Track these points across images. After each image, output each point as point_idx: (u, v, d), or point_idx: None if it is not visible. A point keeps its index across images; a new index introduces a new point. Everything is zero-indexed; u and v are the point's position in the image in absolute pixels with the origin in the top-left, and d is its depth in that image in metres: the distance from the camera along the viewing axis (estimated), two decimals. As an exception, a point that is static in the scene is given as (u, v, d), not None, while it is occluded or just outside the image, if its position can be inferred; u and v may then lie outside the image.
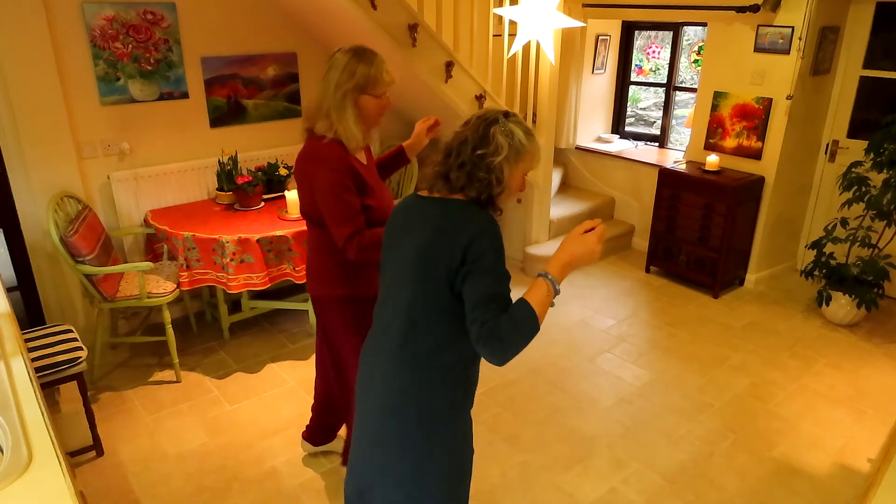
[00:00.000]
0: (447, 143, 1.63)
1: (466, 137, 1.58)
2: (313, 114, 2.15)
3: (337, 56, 2.09)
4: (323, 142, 2.10)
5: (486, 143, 1.55)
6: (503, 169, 1.56)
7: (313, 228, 2.27)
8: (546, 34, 3.72)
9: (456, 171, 1.57)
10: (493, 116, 1.58)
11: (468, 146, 1.56)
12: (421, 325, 1.59)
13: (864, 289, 3.84)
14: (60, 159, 3.35)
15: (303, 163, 2.17)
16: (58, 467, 1.40)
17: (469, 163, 1.55)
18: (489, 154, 1.54)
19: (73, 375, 2.68)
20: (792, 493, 2.66)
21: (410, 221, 1.65)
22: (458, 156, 1.57)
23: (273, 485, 2.69)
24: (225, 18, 3.77)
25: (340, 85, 2.06)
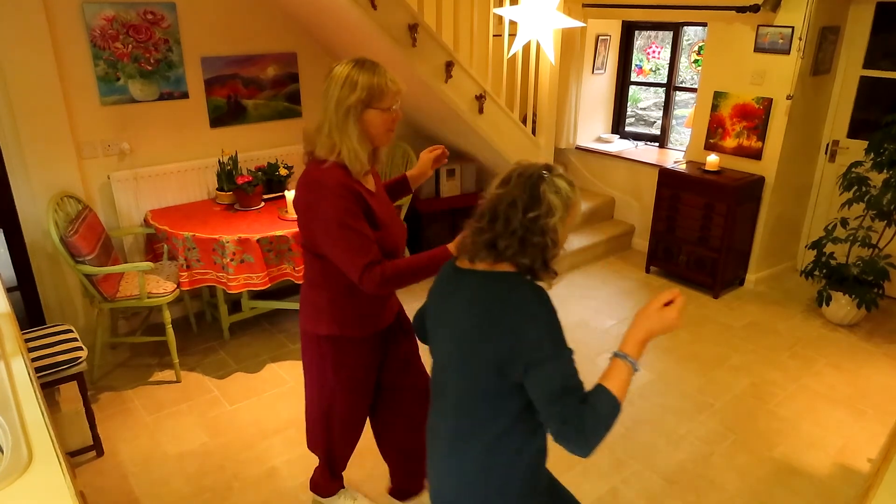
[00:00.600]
0: (487, 207, 1.44)
1: (514, 199, 1.39)
2: (313, 136, 1.93)
3: (335, 70, 1.88)
4: (324, 166, 1.86)
5: (537, 204, 1.38)
6: (557, 229, 1.41)
7: (310, 260, 2.03)
8: (546, 34, 3.72)
9: (507, 238, 1.40)
10: (537, 173, 1.41)
11: (517, 209, 1.39)
12: (472, 414, 1.46)
13: (864, 289, 3.84)
14: (60, 159, 3.35)
15: (303, 190, 1.91)
16: (58, 467, 1.40)
17: (521, 228, 1.38)
18: (542, 216, 1.39)
19: (73, 375, 2.68)
20: (792, 493, 2.66)
21: (451, 300, 1.50)
22: (508, 221, 1.39)
23: (273, 485, 2.69)
24: (225, 18, 3.77)
25: (342, 101, 1.85)
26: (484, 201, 1.46)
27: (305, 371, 2.24)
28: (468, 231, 1.48)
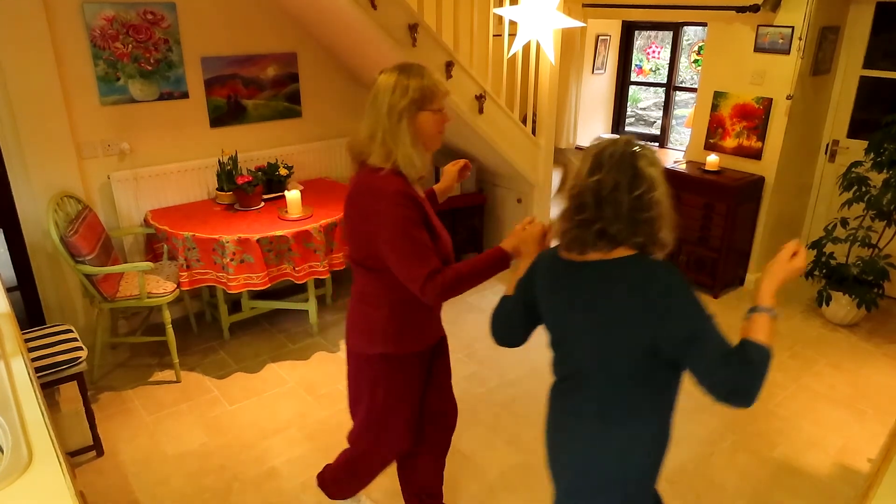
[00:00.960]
0: (589, 197, 1.42)
1: (616, 182, 1.39)
2: (364, 145, 1.87)
3: (381, 78, 1.85)
4: (381, 174, 1.82)
5: (640, 181, 1.39)
6: (662, 200, 1.42)
7: (363, 274, 1.95)
8: (546, 34, 3.72)
9: (618, 223, 1.40)
10: (629, 150, 1.42)
11: (622, 191, 1.39)
12: (617, 398, 1.50)
13: (864, 289, 3.84)
14: (60, 159, 3.35)
15: (363, 199, 1.85)
16: (58, 467, 1.40)
17: (629, 209, 1.39)
18: (647, 191, 1.39)
19: (73, 375, 2.68)
20: (792, 493, 2.66)
21: (575, 294, 1.50)
22: (617, 205, 1.39)
23: (273, 485, 2.69)
24: (225, 18, 3.77)
25: (394, 106, 1.81)
26: (577, 191, 1.44)
27: (353, 391, 2.14)
28: (569, 225, 1.46)
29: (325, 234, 3.49)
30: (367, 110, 1.88)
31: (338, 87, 4.37)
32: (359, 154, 1.90)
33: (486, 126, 4.09)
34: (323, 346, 3.77)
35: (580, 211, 1.43)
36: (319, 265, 3.50)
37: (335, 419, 3.12)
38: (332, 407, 3.21)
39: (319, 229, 3.46)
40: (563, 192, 1.52)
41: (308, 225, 3.45)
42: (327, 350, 3.74)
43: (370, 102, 1.88)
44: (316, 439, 2.97)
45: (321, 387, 3.38)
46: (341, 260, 3.66)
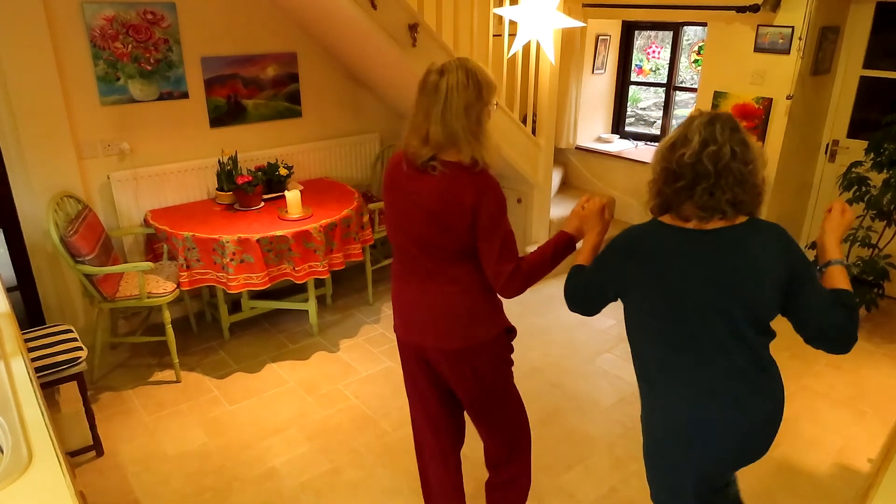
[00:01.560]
0: (710, 164, 1.48)
1: (734, 151, 1.47)
2: (441, 145, 1.85)
3: (448, 78, 1.85)
4: (474, 170, 1.86)
5: (750, 152, 1.50)
6: (762, 170, 1.53)
7: (458, 268, 1.94)
8: (546, 34, 3.72)
9: (742, 192, 1.51)
10: (735, 124, 1.50)
11: (738, 161, 1.48)
12: (752, 357, 1.61)
13: (864, 289, 3.83)
14: (60, 159, 3.35)
15: (450, 194, 1.85)
16: (58, 467, 1.40)
17: (747, 176, 1.50)
18: (755, 161, 1.51)
19: (73, 375, 2.68)
20: (792, 493, 2.66)
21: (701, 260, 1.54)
22: (737, 173, 1.48)
23: (273, 485, 2.69)
24: (225, 18, 3.77)
25: (471, 105, 1.84)
26: (693, 161, 1.49)
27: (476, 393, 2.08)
28: (686, 193, 1.51)
29: (325, 234, 3.49)
30: (435, 111, 1.85)
31: (338, 87, 4.37)
32: (425, 154, 1.87)
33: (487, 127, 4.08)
34: (323, 346, 3.77)
35: (698, 181, 1.48)
36: (319, 265, 3.50)
37: (335, 419, 3.12)
38: (332, 407, 3.21)
39: (319, 229, 3.46)
40: (667, 161, 1.55)
41: (308, 225, 3.45)
42: (327, 350, 3.74)
43: (432, 101, 1.86)
44: (316, 439, 2.97)
45: (321, 387, 3.38)
46: (341, 260, 3.66)
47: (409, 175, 1.93)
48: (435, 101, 1.85)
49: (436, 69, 1.91)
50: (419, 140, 1.86)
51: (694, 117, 1.54)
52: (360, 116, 4.57)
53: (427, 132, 1.85)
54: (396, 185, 1.97)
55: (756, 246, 1.51)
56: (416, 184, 1.91)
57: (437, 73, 1.89)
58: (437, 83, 1.86)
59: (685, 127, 1.55)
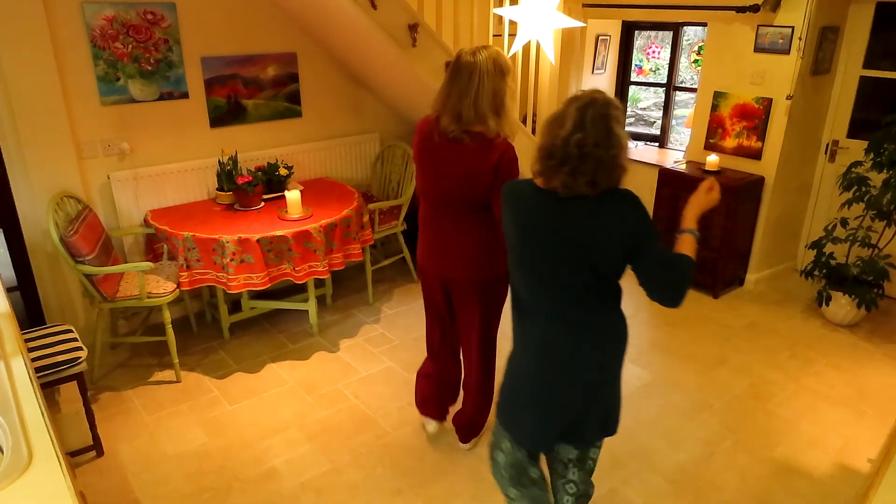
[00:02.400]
0: (574, 149, 1.68)
1: (597, 141, 1.67)
2: (472, 122, 2.27)
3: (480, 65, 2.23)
4: (497, 140, 2.29)
5: (613, 140, 1.69)
6: (624, 154, 1.75)
7: (476, 213, 2.40)
8: (546, 34, 3.72)
9: (600, 174, 1.70)
10: (605, 112, 1.68)
11: (601, 148, 1.68)
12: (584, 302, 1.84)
13: (864, 289, 3.83)
14: (60, 159, 3.35)
15: (479, 157, 2.29)
16: (58, 467, 1.40)
17: (606, 161, 1.70)
18: (617, 148, 1.70)
19: (73, 375, 2.68)
20: (792, 493, 2.66)
21: (561, 222, 1.77)
22: (596, 159, 1.68)
23: (273, 485, 2.70)
24: (225, 18, 3.77)
25: (499, 89, 2.26)
26: (562, 143, 1.69)
27: (477, 324, 2.58)
28: (555, 171, 1.72)
29: (325, 234, 3.49)
30: (468, 96, 2.24)
31: (338, 87, 4.37)
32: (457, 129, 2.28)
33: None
34: (323, 347, 3.77)
35: (564, 162, 1.70)
36: (319, 265, 3.50)
37: (335, 419, 3.12)
38: (331, 407, 3.21)
39: (319, 229, 3.46)
40: (545, 138, 1.79)
41: (308, 225, 3.45)
42: (327, 350, 3.74)
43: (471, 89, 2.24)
44: (316, 439, 2.97)
45: (321, 387, 3.38)
46: (341, 260, 3.66)
47: (440, 144, 2.36)
48: (469, 87, 2.24)
49: (468, 57, 2.27)
50: (451, 118, 2.29)
51: (573, 99, 1.73)
52: (360, 116, 4.57)
53: (460, 112, 2.26)
54: (429, 152, 2.41)
55: (606, 213, 1.72)
56: (447, 152, 2.34)
57: (469, 60, 2.26)
58: (471, 71, 2.24)
59: (565, 107, 1.74)
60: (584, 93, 1.73)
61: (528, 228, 1.82)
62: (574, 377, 1.88)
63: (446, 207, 2.44)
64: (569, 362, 1.86)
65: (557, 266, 1.79)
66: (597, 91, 1.73)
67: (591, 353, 1.86)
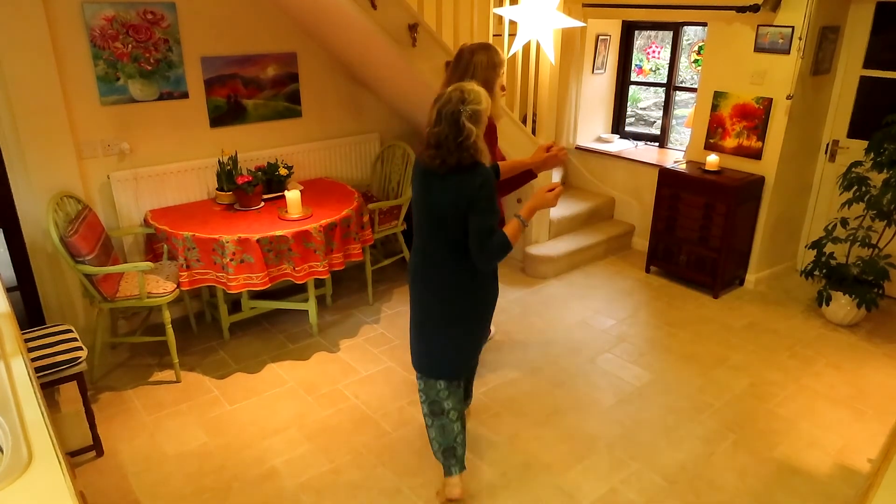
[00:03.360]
0: (434, 139, 2.21)
1: (447, 134, 2.17)
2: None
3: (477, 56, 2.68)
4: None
5: (461, 132, 2.16)
6: (475, 139, 2.22)
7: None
8: (546, 34, 3.72)
9: (450, 156, 2.20)
10: (457, 108, 2.15)
11: (451, 139, 2.18)
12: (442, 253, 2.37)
13: (864, 289, 3.83)
14: (60, 159, 3.35)
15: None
16: (58, 467, 1.40)
17: (456, 147, 2.20)
18: (466, 137, 2.17)
19: (73, 375, 2.68)
20: (792, 493, 2.66)
21: (433, 191, 2.28)
22: (447, 146, 2.20)
23: (273, 485, 2.69)
24: (225, 18, 3.77)
25: (490, 80, 2.66)
26: (427, 135, 2.22)
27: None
28: (428, 155, 2.23)
29: (324, 234, 3.49)
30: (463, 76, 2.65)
31: (338, 87, 4.37)
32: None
33: (486, 126, 4.08)
34: (323, 347, 3.77)
35: (429, 147, 2.22)
36: (319, 265, 3.50)
37: (335, 419, 3.12)
38: (332, 407, 3.21)
39: (319, 229, 3.46)
40: (425, 130, 2.26)
41: (308, 225, 3.45)
42: (327, 350, 3.74)
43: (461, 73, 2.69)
44: (315, 439, 2.97)
45: (321, 387, 3.38)
46: (341, 260, 3.66)
47: None
48: (465, 75, 2.68)
49: (468, 50, 2.75)
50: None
51: (437, 98, 2.22)
52: (360, 116, 4.57)
53: None
54: None
55: (456, 184, 2.20)
56: None
57: (469, 53, 2.73)
58: (469, 61, 2.72)
59: (436, 100, 2.22)
60: (454, 87, 2.20)
61: (416, 195, 2.35)
62: (419, 308, 2.49)
63: None
64: (418, 292, 2.45)
65: (423, 223, 2.34)
66: (458, 87, 2.19)
67: (434, 292, 2.41)
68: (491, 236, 2.21)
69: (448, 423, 2.51)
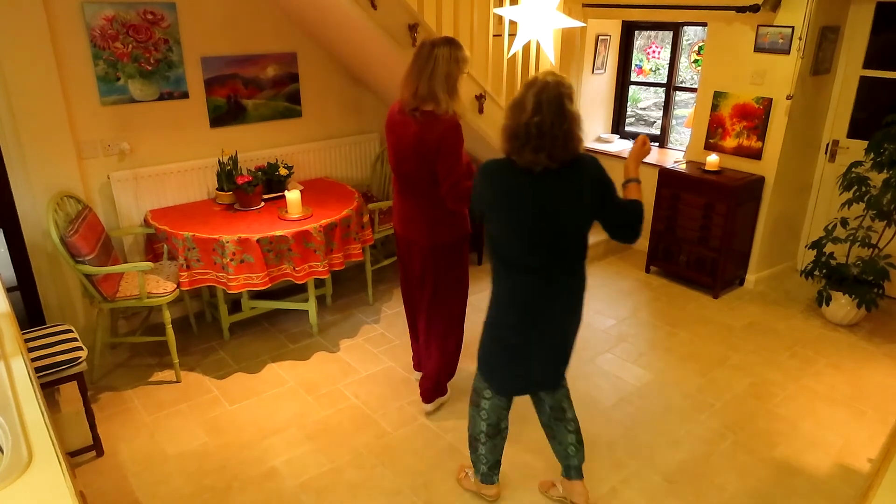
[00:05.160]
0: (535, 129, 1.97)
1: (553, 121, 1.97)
2: (423, 100, 2.60)
3: (438, 51, 2.58)
4: (445, 117, 2.60)
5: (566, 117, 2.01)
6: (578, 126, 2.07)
7: (434, 188, 2.68)
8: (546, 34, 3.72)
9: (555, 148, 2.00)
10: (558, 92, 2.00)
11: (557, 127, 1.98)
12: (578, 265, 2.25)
13: (864, 289, 3.83)
14: (60, 159, 3.35)
15: (429, 134, 2.59)
16: (58, 467, 1.40)
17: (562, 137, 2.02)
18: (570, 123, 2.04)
19: (73, 375, 2.68)
20: (792, 493, 2.66)
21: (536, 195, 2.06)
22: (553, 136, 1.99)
23: (273, 485, 2.69)
24: (225, 18, 3.77)
25: (452, 74, 2.60)
26: (525, 126, 1.96)
27: (435, 281, 2.89)
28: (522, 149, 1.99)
29: (325, 234, 3.49)
30: (425, 74, 2.59)
31: (338, 87, 4.37)
32: (413, 104, 2.63)
33: (486, 126, 4.08)
34: (323, 346, 3.78)
35: (528, 140, 1.96)
36: (319, 265, 3.50)
37: (335, 419, 3.12)
38: (331, 407, 3.21)
39: (319, 229, 3.46)
40: (508, 121, 2.04)
41: (308, 225, 3.45)
42: (327, 350, 3.74)
43: (421, 67, 2.60)
44: (316, 439, 2.97)
45: (321, 387, 3.38)
46: (341, 260, 3.66)
47: (401, 120, 2.70)
48: (425, 66, 2.60)
49: (429, 42, 2.64)
50: (410, 93, 2.63)
51: (530, 85, 2.00)
52: (360, 116, 4.57)
53: (416, 88, 2.61)
54: (392, 128, 2.76)
55: (578, 178, 2.05)
56: (405, 128, 2.67)
57: (429, 47, 2.61)
58: (428, 55, 2.60)
59: (524, 92, 2.00)
60: (538, 78, 2.01)
61: (509, 201, 2.07)
62: (552, 327, 2.22)
63: (405, 179, 2.78)
64: (547, 314, 2.19)
65: (536, 231, 2.06)
66: (549, 73, 2.02)
67: (567, 305, 2.21)
68: (634, 208, 2.14)
69: (503, 441, 2.53)
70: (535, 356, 2.26)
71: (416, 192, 2.77)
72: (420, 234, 2.83)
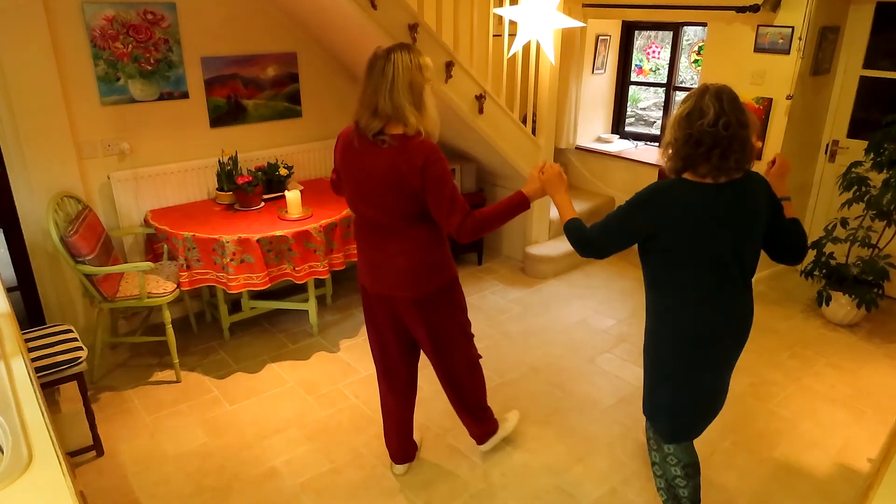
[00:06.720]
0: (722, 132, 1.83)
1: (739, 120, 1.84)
2: (390, 117, 2.11)
3: (395, 57, 2.11)
4: (420, 139, 2.13)
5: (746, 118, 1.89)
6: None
7: (415, 227, 2.23)
8: (546, 34, 3.73)
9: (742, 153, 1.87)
10: (734, 93, 1.91)
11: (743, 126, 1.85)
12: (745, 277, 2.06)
13: (864, 289, 3.83)
14: (60, 159, 3.35)
15: (401, 163, 2.11)
16: (58, 467, 1.40)
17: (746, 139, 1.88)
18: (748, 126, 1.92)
19: (73, 375, 2.68)
20: (792, 493, 2.66)
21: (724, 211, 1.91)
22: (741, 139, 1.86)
23: (273, 485, 2.70)
24: (225, 18, 3.77)
25: (416, 83, 2.12)
26: (707, 128, 1.81)
27: (432, 339, 2.43)
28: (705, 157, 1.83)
29: (325, 234, 3.49)
30: (383, 87, 2.10)
31: (338, 87, 4.37)
32: (376, 126, 2.13)
33: (486, 126, 4.09)
34: (323, 347, 3.78)
35: (715, 146, 1.80)
36: (319, 265, 3.50)
37: (335, 419, 3.12)
38: (331, 407, 3.21)
39: (319, 229, 3.46)
40: (688, 129, 1.84)
41: (308, 225, 3.45)
42: (327, 350, 3.74)
43: (379, 80, 2.12)
44: (316, 439, 2.97)
45: (321, 387, 3.38)
46: (341, 260, 3.66)
47: (361, 150, 2.18)
48: (383, 79, 2.11)
49: (382, 52, 2.16)
50: (369, 113, 2.13)
51: (704, 91, 1.84)
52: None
53: (377, 105, 2.11)
54: (351, 161, 2.23)
55: (755, 192, 1.92)
56: (369, 158, 2.16)
57: (383, 55, 2.14)
58: (385, 64, 2.12)
59: (698, 99, 1.83)
60: (708, 84, 1.87)
61: (699, 225, 1.89)
62: (738, 353, 2.10)
63: (375, 219, 2.26)
64: (739, 340, 2.06)
65: (739, 251, 1.92)
66: (705, 83, 1.88)
67: (748, 326, 2.07)
68: (801, 228, 2.12)
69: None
70: (725, 390, 2.14)
71: (391, 237, 2.26)
72: (402, 286, 2.31)
